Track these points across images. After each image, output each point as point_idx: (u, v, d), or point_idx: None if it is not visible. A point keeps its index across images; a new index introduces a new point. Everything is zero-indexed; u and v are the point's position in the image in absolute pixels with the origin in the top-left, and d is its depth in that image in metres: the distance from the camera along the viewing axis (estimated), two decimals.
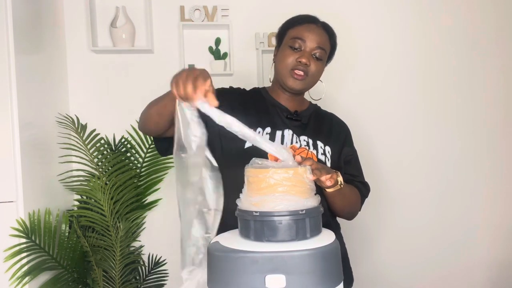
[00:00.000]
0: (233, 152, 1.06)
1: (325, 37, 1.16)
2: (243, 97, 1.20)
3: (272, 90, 1.23)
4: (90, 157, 1.87)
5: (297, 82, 1.13)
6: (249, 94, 1.23)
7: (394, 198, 2.24)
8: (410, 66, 2.25)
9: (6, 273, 1.48)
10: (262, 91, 1.24)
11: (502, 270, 2.36)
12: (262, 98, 1.22)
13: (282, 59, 1.14)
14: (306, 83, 1.14)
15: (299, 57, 1.11)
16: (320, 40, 1.13)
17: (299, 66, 1.11)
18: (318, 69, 1.15)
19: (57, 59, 1.93)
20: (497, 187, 2.33)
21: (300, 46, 1.13)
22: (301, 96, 1.23)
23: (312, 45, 1.13)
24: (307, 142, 1.14)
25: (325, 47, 1.15)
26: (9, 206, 1.48)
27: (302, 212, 0.80)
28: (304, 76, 1.12)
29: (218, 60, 2.08)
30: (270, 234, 0.79)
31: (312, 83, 1.18)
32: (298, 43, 1.13)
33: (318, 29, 1.15)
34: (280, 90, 1.20)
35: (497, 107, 2.32)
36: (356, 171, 1.24)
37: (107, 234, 1.79)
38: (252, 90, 1.26)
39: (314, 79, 1.16)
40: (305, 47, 1.12)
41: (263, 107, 1.19)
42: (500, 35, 2.31)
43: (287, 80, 1.14)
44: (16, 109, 1.48)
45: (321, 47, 1.14)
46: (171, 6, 2.08)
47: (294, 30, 1.15)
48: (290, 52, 1.13)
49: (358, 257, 1.77)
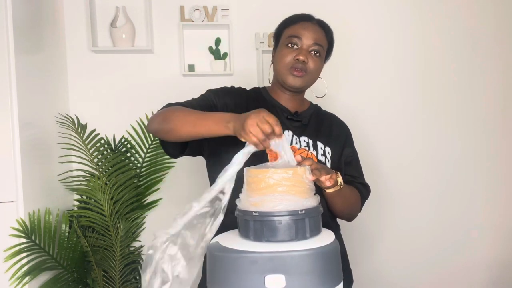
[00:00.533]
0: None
1: (321, 33, 1.16)
2: (245, 97, 1.20)
3: (272, 90, 1.23)
4: (90, 157, 1.87)
5: (297, 79, 1.13)
6: (250, 94, 1.23)
7: (393, 198, 2.24)
8: (410, 66, 2.25)
9: (6, 273, 1.48)
10: (263, 91, 1.24)
11: (502, 270, 2.36)
12: (263, 98, 1.22)
13: (280, 58, 1.14)
14: (305, 80, 1.14)
15: (296, 55, 1.11)
16: (317, 37, 1.13)
17: (297, 64, 1.11)
18: (316, 66, 1.14)
19: (57, 59, 1.93)
20: (497, 187, 2.33)
21: (297, 44, 1.13)
22: (302, 95, 1.23)
23: (309, 42, 1.12)
24: (307, 143, 1.14)
25: (322, 43, 1.15)
26: (9, 206, 1.48)
27: (301, 212, 0.80)
28: (303, 73, 1.12)
29: (218, 60, 2.08)
30: (269, 234, 0.79)
31: (312, 80, 1.17)
32: (294, 41, 1.13)
33: (313, 26, 1.15)
34: (280, 90, 1.20)
35: (497, 107, 2.31)
36: (356, 172, 1.24)
37: (107, 234, 1.79)
38: (253, 90, 1.26)
39: (314, 75, 1.16)
40: (302, 45, 1.13)
41: (263, 107, 1.19)
42: (500, 34, 2.30)
43: (286, 78, 1.13)
44: (16, 109, 1.48)
45: (318, 43, 1.13)
46: (171, 6, 2.08)
47: (290, 29, 1.15)
48: (287, 50, 1.13)
49: (357, 258, 1.77)
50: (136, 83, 2.08)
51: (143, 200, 2.03)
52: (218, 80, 2.11)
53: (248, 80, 2.11)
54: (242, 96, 1.19)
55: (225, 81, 2.09)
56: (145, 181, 2.02)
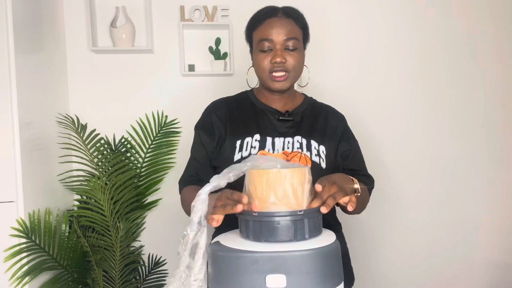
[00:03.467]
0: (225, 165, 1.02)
1: (291, 24, 1.10)
2: (224, 109, 1.18)
3: (259, 92, 1.21)
4: (90, 157, 1.87)
5: (281, 83, 1.11)
6: (235, 102, 1.21)
7: (395, 198, 2.24)
8: (410, 65, 2.25)
9: (6, 273, 1.48)
10: (250, 95, 1.22)
11: (503, 272, 2.36)
12: (250, 103, 1.20)
13: (257, 65, 1.12)
14: (290, 80, 1.12)
15: (272, 58, 1.08)
16: (287, 31, 1.08)
17: (276, 68, 1.09)
18: (296, 60, 1.10)
19: (57, 59, 1.93)
20: (498, 188, 2.33)
21: (269, 46, 1.09)
22: (290, 92, 1.20)
23: (280, 39, 1.08)
24: (300, 143, 1.12)
25: (295, 35, 1.09)
26: (9, 206, 1.48)
27: (300, 212, 0.80)
28: (284, 75, 1.10)
29: (218, 60, 2.08)
30: (268, 235, 0.79)
31: (297, 75, 1.14)
32: (266, 44, 1.08)
33: (280, 21, 1.09)
34: (266, 92, 1.18)
35: (497, 107, 2.31)
36: (357, 165, 1.21)
37: (107, 234, 1.79)
38: (239, 95, 1.24)
39: (297, 71, 1.13)
40: (274, 45, 1.08)
41: (251, 113, 1.17)
42: (500, 34, 2.30)
43: (270, 84, 1.12)
44: (16, 109, 1.48)
45: (291, 37, 1.08)
46: (171, 6, 2.08)
47: (258, 32, 1.11)
48: (262, 56, 1.09)
49: (359, 256, 1.77)
50: (136, 83, 2.08)
51: (143, 200, 2.03)
52: (218, 80, 2.11)
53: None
54: (222, 110, 1.18)
55: (225, 81, 2.10)
56: (145, 181, 2.02)
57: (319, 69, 2.09)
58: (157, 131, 2.03)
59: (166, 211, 2.07)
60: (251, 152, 1.09)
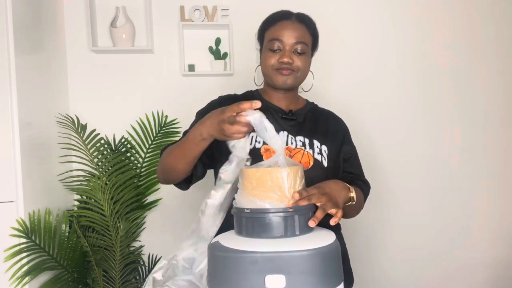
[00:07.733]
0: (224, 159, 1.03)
1: (302, 29, 1.13)
2: None
3: (264, 92, 1.23)
4: (90, 157, 1.87)
5: (286, 77, 1.12)
6: (242, 99, 1.22)
7: (394, 198, 2.24)
8: (410, 65, 2.25)
9: (6, 273, 1.48)
10: (255, 94, 1.24)
11: (502, 270, 2.36)
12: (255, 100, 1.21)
13: (265, 62, 1.14)
14: (294, 77, 1.14)
15: (280, 58, 1.11)
16: (298, 35, 1.12)
17: (282, 66, 1.11)
18: (303, 63, 1.13)
19: (57, 59, 1.93)
20: (497, 187, 2.33)
21: (279, 46, 1.12)
22: (294, 93, 1.22)
23: (290, 41, 1.11)
24: (303, 142, 1.13)
25: (304, 40, 1.13)
26: (9, 206, 1.48)
27: (291, 209, 0.81)
28: (290, 71, 1.12)
29: (218, 60, 2.08)
30: (260, 231, 0.81)
31: (302, 77, 1.17)
32: (276, 44, 1.11)
33: (293, 24, 1.13)
34: (271, 90, 1.20)
35: (497, 106, 2.31)
36: (356, 170, 1.23)
37: (107, 234, 1.79)
38: (245, 94, 1.26)
39: (302, 73, 1.15)
40: (284, 46, 1.11)
41: None
42: (500, 33, 2.30)
43: (275, 79, 1.13)
44: (16, 109, 1.48)
45: (300, 41, 1.12)
46: (171, 6, 2.08)
47: (270, 31, 1.14)
48: (270, 54, 1.13)
49: (358, 257, 1.77)
50: (136, 83, 2.08)
51: (143, 200, 2.03)
52: (218, 80, 2.11)
53: (248, 80, 2.10)
54: (228, 104, 1.19)
55: (225, 81, 2.10)
56: (145, 181, 2.02)
57: (321, 75, 2.09)
58: (157, 131, 2.03)
59: (166, 211, 2.07)
60: (255, 145, 1.10)
